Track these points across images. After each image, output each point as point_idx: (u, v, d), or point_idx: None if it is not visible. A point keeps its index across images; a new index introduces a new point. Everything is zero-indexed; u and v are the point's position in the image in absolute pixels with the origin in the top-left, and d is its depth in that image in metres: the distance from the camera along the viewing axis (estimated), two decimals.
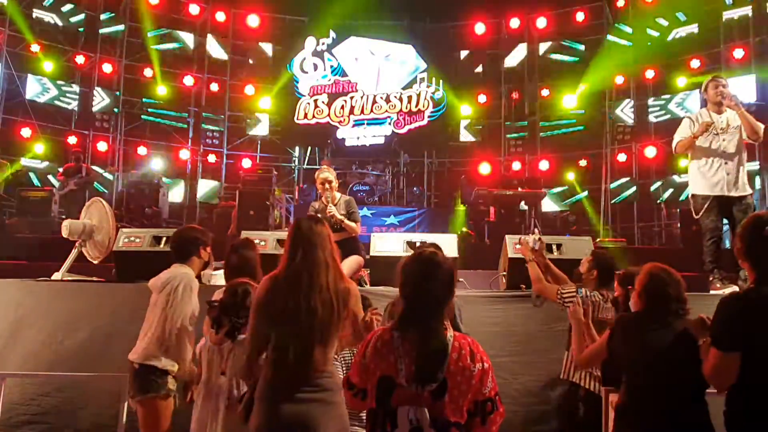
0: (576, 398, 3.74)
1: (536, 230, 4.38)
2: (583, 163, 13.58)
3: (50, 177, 12.47)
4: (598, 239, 10.77)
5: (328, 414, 2.60)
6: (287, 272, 2.72)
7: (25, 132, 12.37)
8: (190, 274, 3.52)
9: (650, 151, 12.61)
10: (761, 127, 5.19)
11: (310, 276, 2.68)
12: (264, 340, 2.68)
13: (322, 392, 2.61)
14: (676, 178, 12.13)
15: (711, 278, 5.22)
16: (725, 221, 5.35)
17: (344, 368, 3.49)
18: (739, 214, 5.05)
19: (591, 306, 3.66)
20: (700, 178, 5.28)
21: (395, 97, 14.35)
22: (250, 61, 14.98)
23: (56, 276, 5.46)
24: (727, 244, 6.16)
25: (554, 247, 5.17)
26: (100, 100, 13.41)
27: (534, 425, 4.27)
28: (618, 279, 3.62)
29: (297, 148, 14.97)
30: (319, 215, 5.49)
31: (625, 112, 13.31)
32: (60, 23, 13.23)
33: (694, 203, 5.34)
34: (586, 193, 13.43)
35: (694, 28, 12.63)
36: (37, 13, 12.94)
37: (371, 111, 14.32)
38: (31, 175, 12.51)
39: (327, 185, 5.53)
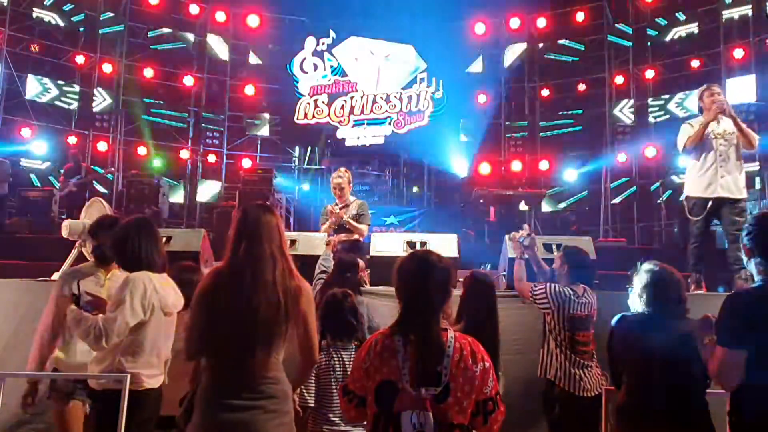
0: (551, 396, 3.72)
1: (525, 225, 4.34)
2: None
3: (50, 177, 12.46)
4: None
5: (271, 423, 2.34)
6: (230, 267, 2.44)
7: (25, 132, 12.37)
8: None
9: (650, 151, 12.61)
10: (756, 137, 5.20)
11: (254, 272, 2.40)
12: (201, 338, 2.42)
13: (266, 399, 2.34)
14: (676, 178, 12.12)
15: (690, 279, 5.26)
16: (717, 222, 5.35)
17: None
18: (732, 216, 5.06)
19: (563, 301, 3.71)
20: (696, 180, 5.30)
21: (395, 97, 14.34)
22: (250, 61, 14.98)
23: (56, 276, 5.44)
24: (725, 245, 6.15)
25: (554, 247, 5.16)
26: (100, 100, 13.41)
27: (532, 429, 4.25)
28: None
29: (297, 148, 14.96)
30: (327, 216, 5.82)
31: (625, 112, 13.33)
32: (60, 23, 13.24)
33: (687, 205, 5.37)
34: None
35: (694, 28, 12.64)
36: (37, 12, 12.95)
37: (371, 111, 14.31)
38: (31, 175, 12.52)
39: (338, 191, 5.89)
